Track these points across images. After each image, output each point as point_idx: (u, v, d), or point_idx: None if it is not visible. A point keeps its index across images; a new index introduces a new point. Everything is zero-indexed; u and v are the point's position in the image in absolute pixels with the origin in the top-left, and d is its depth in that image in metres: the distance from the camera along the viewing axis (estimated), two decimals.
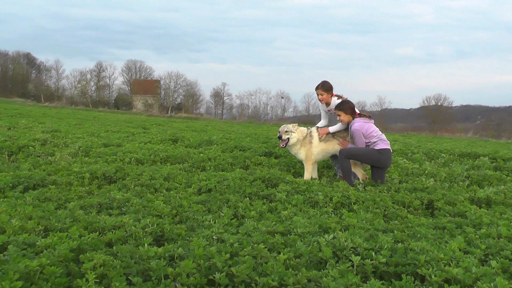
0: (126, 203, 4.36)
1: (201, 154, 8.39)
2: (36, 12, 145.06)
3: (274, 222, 3.78)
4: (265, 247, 3.02)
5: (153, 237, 3.41)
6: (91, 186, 5.63)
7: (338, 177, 7.49)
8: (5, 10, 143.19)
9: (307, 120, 60.16)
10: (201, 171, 7.39)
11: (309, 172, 7.15)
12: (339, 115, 7.03)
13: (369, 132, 6.84)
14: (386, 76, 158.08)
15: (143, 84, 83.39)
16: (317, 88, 7.44)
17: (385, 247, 3.16)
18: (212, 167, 7.55)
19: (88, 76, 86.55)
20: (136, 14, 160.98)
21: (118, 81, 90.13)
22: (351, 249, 3.15)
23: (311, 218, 4.42)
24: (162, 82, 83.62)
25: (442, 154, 11.05)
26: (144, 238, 3.27)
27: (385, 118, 70.66)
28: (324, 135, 7.22)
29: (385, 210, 5.04)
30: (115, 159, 7.46)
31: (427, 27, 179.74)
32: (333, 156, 7.50)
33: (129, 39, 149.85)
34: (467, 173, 7.83)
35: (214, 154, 8.44)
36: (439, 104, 71.26)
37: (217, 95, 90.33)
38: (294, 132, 7.12)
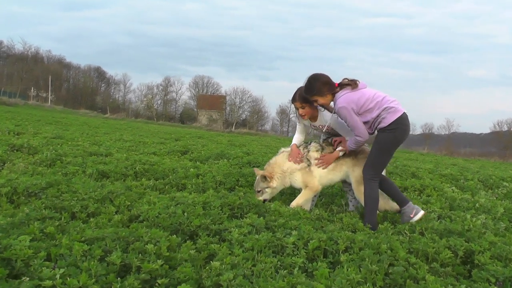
0: None
1: (192, 169, 6.89)
2: (111, 28, 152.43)
3: None
4: None
5: None
6: (2, 205, 4.30)
7: (349, 208, 5.60)
8: (83, 25, 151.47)
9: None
10: (178, 190, 5.91)
11: (306, 199, 5.22)
12: (315, 101, 4.77)
13: (361, 103, 4.54)
14: (456, 98, 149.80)
15: (208, 99, 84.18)
16: (294, 101, 5.17)
17: None
18: (193, 185, 6.03)
19: (155, 90, 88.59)
20: (209, 31, 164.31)
21: (185, 95, 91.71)
22: None
23: (254, 277, 2.76)
24: (227, 98, 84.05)
25: (504, 183, 8.76)
26: None
27: (453, 142, 65.99)
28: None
29: (389, 266, 3.25)
30: (77, 171, 6.14)
31: (502, 47, 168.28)
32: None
33: (201, 55, 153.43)
34: None
35: (204, 170, 6.91)
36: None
37: (283, 113, 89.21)
38: (267, 188, 5.22)
